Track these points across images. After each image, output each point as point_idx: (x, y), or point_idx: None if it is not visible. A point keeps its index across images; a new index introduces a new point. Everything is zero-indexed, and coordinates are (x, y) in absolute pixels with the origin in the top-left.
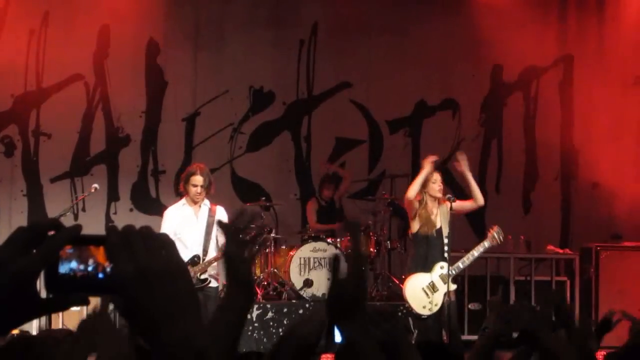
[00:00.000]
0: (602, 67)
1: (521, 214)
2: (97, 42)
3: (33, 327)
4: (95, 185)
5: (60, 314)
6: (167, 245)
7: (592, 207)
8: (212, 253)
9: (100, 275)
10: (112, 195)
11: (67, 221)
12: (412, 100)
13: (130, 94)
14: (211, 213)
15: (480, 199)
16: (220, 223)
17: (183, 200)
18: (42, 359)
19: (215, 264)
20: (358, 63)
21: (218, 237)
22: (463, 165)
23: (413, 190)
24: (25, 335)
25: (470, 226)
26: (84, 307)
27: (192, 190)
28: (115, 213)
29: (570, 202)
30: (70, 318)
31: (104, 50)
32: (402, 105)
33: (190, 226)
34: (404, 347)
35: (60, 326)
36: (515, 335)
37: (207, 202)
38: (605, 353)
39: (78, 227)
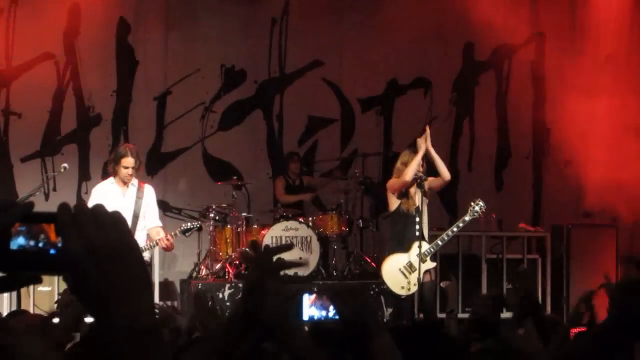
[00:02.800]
0: (573, 46)
1: (493, 192)
2: (68, 21)
3: (4, 307)
4: (65, 164)
5: (31, 295)
6: (118, 222)
7: (563, 185)
8: (139, 236)
9: (52, 252)
10: (83, 175)
11: (38, 200)
12: (384, 78)
13: (101, 73)
14: (139, 194)
15: (446, 174)
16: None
17: (112, 179)
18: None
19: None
20: (330, 41)
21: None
22: (427, 142)
23: (411, 173)
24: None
25: (443, 204)
26: (54, 288)
27: (123, 171)
28: (86, 193)
29: (542, 180)
30: (42, 299)
31: (75, 29)
32: (374, 84)
33: (118, 206)
34: (373, 325)
35: (31, 307)
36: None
37: (135, 181)
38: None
39: (29, 204)
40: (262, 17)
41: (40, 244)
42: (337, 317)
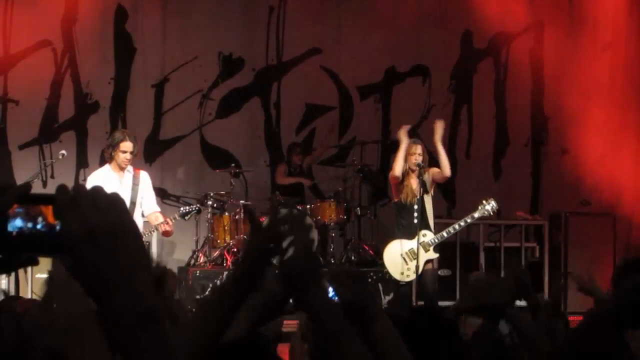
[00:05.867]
0: (572, 34)
1: (491, 180)
2: (65, 8)
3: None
4: (63, 151)
5: (29, 281)
6: (117, 203)
7: (561, 174)
8: (137, 222)
9: (50, 234)
10: (81, 162)
11: (36, 187)
12: (382, 66)
13: (99, 61)
14: (135, 180)
15: (447, 170)
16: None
17: (108, 166)
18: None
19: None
20: (328, 29)
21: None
22: (437, 135)
23: (398, 168)
24: None
25: (441, 193)
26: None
27: (121, 156)
28: (84, 180)
29: (540, 169)
30: (39, 285)
31: (72, 16)
32: (372, 72)
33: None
34: (372, 308)
35: (29, 292)
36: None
37: (130, 167)
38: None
39: (27, 186)
40: (259, 4)
41: (39, 226)
42: (336, 299)
